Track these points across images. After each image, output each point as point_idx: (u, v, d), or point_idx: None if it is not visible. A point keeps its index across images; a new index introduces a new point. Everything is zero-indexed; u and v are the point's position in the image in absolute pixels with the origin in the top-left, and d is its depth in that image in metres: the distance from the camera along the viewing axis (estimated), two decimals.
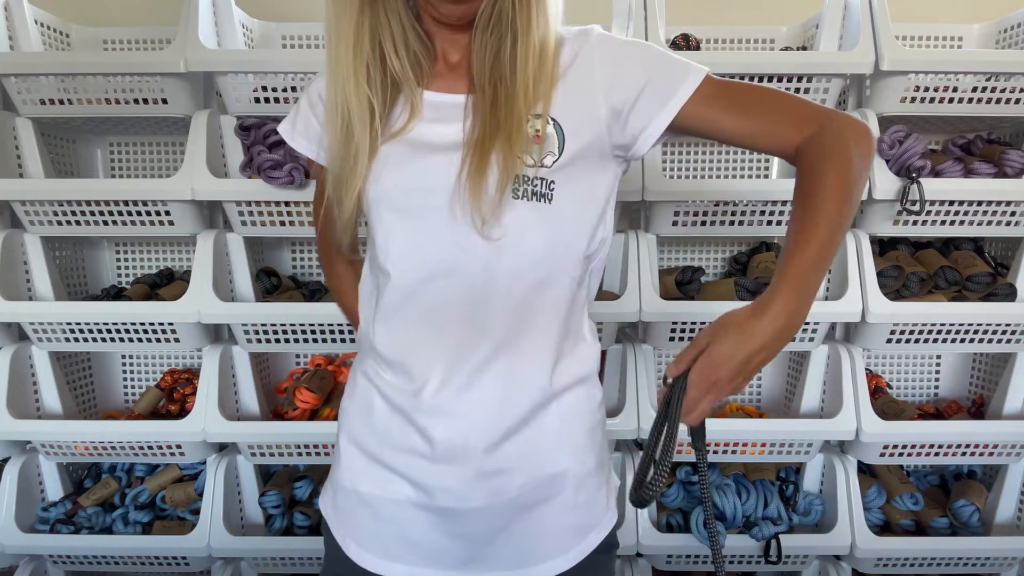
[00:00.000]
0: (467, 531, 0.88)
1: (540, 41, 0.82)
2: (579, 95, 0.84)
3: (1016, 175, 1.49)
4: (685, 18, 1.72)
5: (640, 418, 1.51)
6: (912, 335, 1.54)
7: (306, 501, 1.64)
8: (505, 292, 0.83)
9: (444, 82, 0.87)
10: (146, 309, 1.52)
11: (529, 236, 0.83)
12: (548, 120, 0.82)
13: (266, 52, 1.67)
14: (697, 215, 1.54)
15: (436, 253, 0.83)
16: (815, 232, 0.76)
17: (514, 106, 0.81)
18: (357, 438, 0.92)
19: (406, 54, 0.85)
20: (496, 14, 0.81)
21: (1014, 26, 1.68)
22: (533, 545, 0.89)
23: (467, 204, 0.81)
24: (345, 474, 0.92)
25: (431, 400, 0.85)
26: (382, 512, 0.89)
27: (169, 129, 1.71)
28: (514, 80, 0.81)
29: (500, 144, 0.80)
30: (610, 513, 0.94)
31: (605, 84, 0.83)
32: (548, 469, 0.87)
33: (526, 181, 0.81)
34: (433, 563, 0.89)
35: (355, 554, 0.91)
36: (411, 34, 0.85)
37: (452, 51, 0.88)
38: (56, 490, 1.68)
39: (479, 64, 0.83)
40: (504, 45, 0.81)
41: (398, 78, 0.85)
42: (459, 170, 0.81)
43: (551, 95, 0.83)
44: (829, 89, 1.48)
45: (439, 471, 0.86)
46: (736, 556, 1.58)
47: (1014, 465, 1.61)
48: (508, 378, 0.85)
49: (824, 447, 1.62)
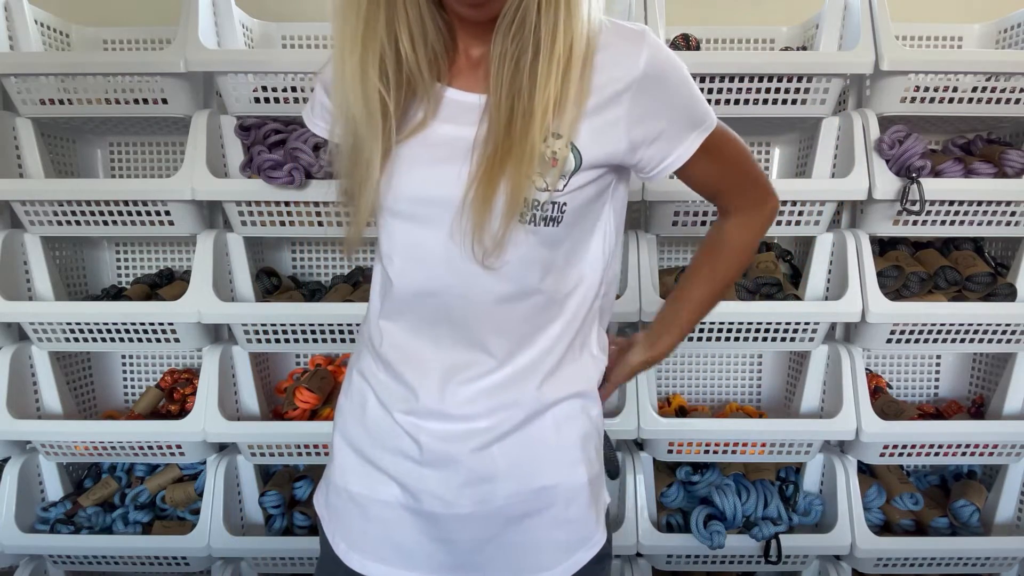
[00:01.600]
0: (453, 537, 0.87)
1: (567, 52, 0.73)
2: (603, 118, 0.78)
3: (1016, 175, 1.49)
4: (685, 18, 1.72)
5: (640, 418, 1.51)
6: (912, 335, 1.54)
7: (306, 501, 1.64)
8: (504, 314, 0.82)
9: (465, 79, 0.82)
10: (146, 309, 1.52)
11: (532, 263, 0.80)
12: (568, 143, 0.76)
13: (266, 52, 1.67)
14: (697, 215, 1.54)
15: (432, 272, 0.81)
16: (710, 304, 1.00)
17: (530, 129, 0.73)
18: (350, 437, 0.92)
19: (424, 49, 0.77)
20: (519, 18, 0.72)
21: (1014, 26, 1.68)
22: (522, 558, 0.87)
23: (468, 233, 0.77)
24: (337, 472, 0.92)
25: (422, 404, 0.84)
26: (370, 512, 0.89)
27: (169, 129, 1.70)
28: (532, 97, 0.73)
29: (511, 170, 0.74)
30: (600, 531, 0.90)
31: (632, 118, 0.78)
32: (537, 481, 0.85)
33: (536, 206, 0.77)
34: (417, 567, 0.88)
35: (343, 552, 0.90)
36: (431, 26, 0.77)
37: (474, 45, 0.81)
38: (56, 490, 1.68)
39: (496, 74, 0.75)
40: (525, 56, 0.73)
41: (413, 74, 0.78)
42: (464, 192, 0.76)
43: (576, 114, 0.76)
44: (829, 89, 1.48)
45: (426, 475, 0.85)
46: (736, 556, 1.58)
47: (1014, 465, 1.61)
48: (501, 389, 0.84)
49: (824, 447, 1.62)
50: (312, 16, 1.78)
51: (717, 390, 1.86)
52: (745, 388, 1.86)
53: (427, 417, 0.85)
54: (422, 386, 0.84)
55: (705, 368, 1.86)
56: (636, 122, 0.79)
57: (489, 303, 0.81)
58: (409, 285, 0.83)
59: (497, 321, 0.82)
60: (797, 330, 1.55)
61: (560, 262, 0.83)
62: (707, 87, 1.46)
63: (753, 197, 0.93)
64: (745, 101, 1.48)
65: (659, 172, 0.84)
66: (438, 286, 0.82)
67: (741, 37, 1.76)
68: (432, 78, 0.79)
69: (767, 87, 1.46)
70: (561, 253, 0.83)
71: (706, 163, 0.85)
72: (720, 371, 1.86)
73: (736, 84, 1.46)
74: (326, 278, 1.83)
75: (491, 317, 0.82)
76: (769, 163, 1.81)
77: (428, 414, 0.84)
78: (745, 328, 1.54)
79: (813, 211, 1.52)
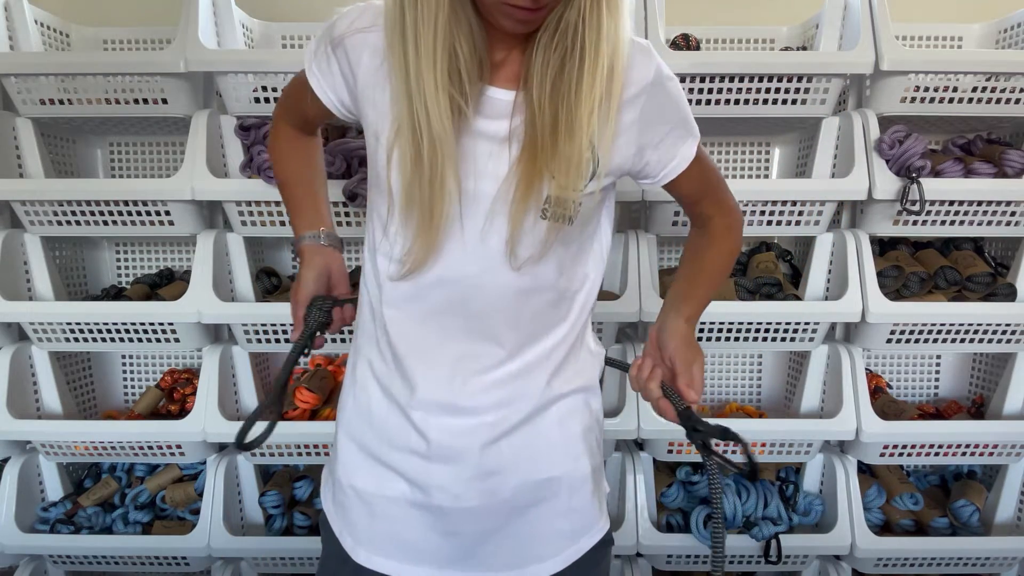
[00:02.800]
0: (461, 530, 0.88)
1: (610, 60, 0.76)
2: (620, 123, 0.82)
3: (1016, 175, 1.49)
4: (685, 18, 1.72)
5: (640, 418, 1.51)
6: (912, 335, 1.54)
7: (306, 501, 1.64)
8: (519, 307, 0.84)
9: (494, 77, 0.82)
10: (146, 309, 1.52)
11: (550, 260, 0.83)
12: (593, 146, 0.79)
13: (266, 52, 1.67)
14: None
15: (456, 266, 0.82)
16: (714, 282, 0.97)
17: (576, 132, 0.75)
18: (355, 435, 0.92)
19: (475, 52, 0.78)
20: (561, 29, 0.74)
21: (1014, 26, 1.68)
22: (526, 547, 0.90)
23: (503, 231, 0.80)
24: (342, 469, 0.92)
25: (431, 396, 0.85)
26: (377, 508, 0.89)
27: (169, 129, 1.70)
28: (578, 102, 0.75)
29: (558, 172, 0.77)
30: (603, 518, 0.94)
31: (643, 122, 0.84)
32: (543, 472, 0.88)
33: (559, 203, 0.79)
34: (425, 561, 0.89)
35: (350, 548, 0.91)
36: (478, 32, 0.78)
37: (499, 49, 0.82)
38: (56, 490, 1.68)
39: (540, 79, 0.76)
40: (570, 63, 0.75)
41: (471, 76, 0.78)
42: (501, 189, 0.79)
43: (607, 120, 0.78)
44: (829, 89, 1.48)
45: (435, 469, 0.86)
46: (736, 556, 1.58)
47: (1014, 465, 1.61)
48: (511, 381, 0.86)
49: (824, 447, 1.62)
50: (312, 16, 1.78)
51: (717, 390, 1.86)
52: (745, 388, 1.86)
53: (436, 411, 0.85)
54: (429, 377, 0.85)
55: (705, 368, 1.85)
56: (646, 126, 0.84)
57: (507, 296, 0.83)
58: (427, 275, 0.83)
59: (512, 314, 0.84)
60: (797, 330, 1.55)
61: (570, 261, 0.87)
62: (707, 87, 1.46)
63: (729, 204, 0.98)
64: (745, 101, 1.48)
65: (665, 175, 0.90)
66: (456, 275, 0.83)
67: (741, 37, 1.76)
68: (476, 78, 0.80)
69: (767, 87, 1.46)
70: (572, 251, 0.87)
71: (697, 169, 0.91)
72: (720, 371, 1.86)
73: (736, 84, 1.46)
74: None
75: (507, 309, 0.84)
76: (769, 163, 1.81)
77: (436, 407, 0.85)
78: (745, 328, 1.54)
79: (813, 211, 1.52)
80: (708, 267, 0.97)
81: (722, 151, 1.80)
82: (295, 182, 1.04)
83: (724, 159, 1.81)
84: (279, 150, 1.03)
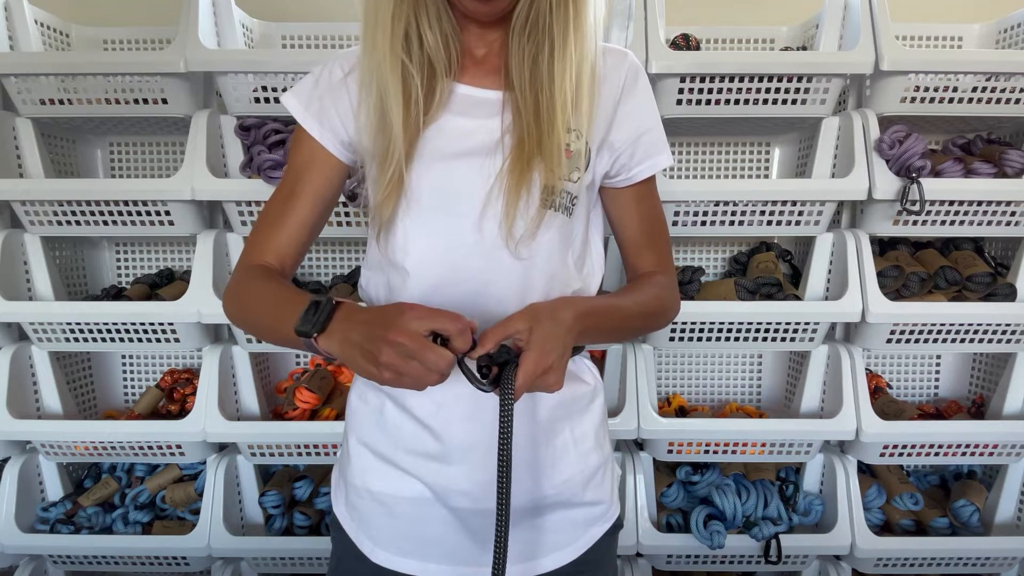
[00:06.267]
0: (480, 528, 0.89)
1: (579, 53, 0.81)
2: (602, 118, 0.86)
3: (1016, 175, 1.49)
4: (685, 18, 1.72)
5: (640, 418, 1.51)
6: (912, 335, 1.54)
7: (306, 501, 1.64)
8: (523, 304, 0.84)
9: (472, 76, 0.86)
10: (146, 309, 1.52)
11: (555, 252, 0.85)
12: (580, 135, 0.83)
13: (266, 52, 1.67)
14: (697, 215, 1.54)
15: (460, 263, 0.83)
16: (629, 311, 0.88)
17: (555, 119, 0.80)
18: (368, 440, 0.91)
19: (441, 37, 0.82)
20: (532, 19, 0.80)
21: (1014, 26, 1.68)
22: (540, 539, 0.91)
23: (501, 220, 0.81)
24: (356, 473, 0.92)
25: (446, 403, 0.85)
26: (395, 509, 0.90)
27: (169, 129, 1.70)
28: (552, 91, 0.80)
29: (541, 159, 0.80)
30: (615, 505, 0.96)
31: (621, 115, 0.87)
32: (559, 474, 0.89)
33: (553, 192, 0.82)
34: (446, 559, 0.90)
35: (369, 550, 0.91)
36: (445, 21, 0.83)
37: (479, 46, 0.87)
38: (56, 490, 1.68)
39: (518, 70, 0.82)
40: (542, 53, 0.80)
41: (434, 61, 0.82)
42: (495, 180, 0.81)
43: (590, 111, 0.83)
44: (829, 89, 1.48)
45: (452, 473, 0.87)
46: (736, 556, 1.58)
47: (1014, 465, 1.61)
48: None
49: (824, 447, 1.62)
50: (312, 16, 1.78)
51: (717, 390, 1.86)
52: (745, 388, 1.86)
53: (451, 417, 0.85)
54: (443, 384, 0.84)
55: (705, 368, 1.86)
56: (624, 118, 0.88)
57: (515, 293, 0.84)
58: (429, 277, 0.84)
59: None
60: (797, 330, 1.55)
61: (573, 259, 0.88)
62: (707, 87, 1.46)
63: (671, 269, 0.96)
64: (745, 101, 1.48)
65: (641, 171, 0.91)
66: (462, 276, 0.83)
67: (741, 37, 1.76)
68: (443, 72, 0.84)
69: (767, 87, 1.46)
70: (576, 248, 0.88)
71: (653, 200, 0.94)
72: (720, 371, 1.86)
73: (736, 84, 1.46)
74: (326, 278, 1.83)
75: (513, 307, 0.83)
76: (769, 163, 1.81)
77: (451, 414, 0.85)
78: (745, 328, 1.54)
79: (813, 211, 1.52)
80: (636, 295, 0.90)
81: (722, 151, 1.80)
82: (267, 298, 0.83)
83: (724, 159, 1.81)
84: (241, 294, 0.86)
